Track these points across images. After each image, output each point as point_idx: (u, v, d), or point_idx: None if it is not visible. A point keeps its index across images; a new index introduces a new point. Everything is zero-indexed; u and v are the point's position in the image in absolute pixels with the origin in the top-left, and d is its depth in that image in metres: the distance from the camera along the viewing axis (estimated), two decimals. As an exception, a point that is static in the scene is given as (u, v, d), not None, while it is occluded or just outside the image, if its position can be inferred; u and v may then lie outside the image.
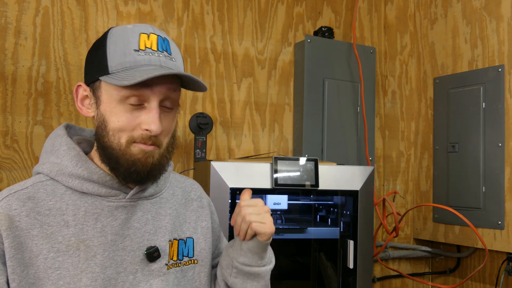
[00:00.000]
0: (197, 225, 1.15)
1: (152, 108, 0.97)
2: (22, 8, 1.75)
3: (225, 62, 2.07)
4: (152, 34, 1.00)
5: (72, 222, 0.97)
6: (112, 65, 0.97)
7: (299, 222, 1.88)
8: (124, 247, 1.00)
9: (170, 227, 1.08)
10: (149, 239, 1.03)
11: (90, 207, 0.99)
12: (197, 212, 1.17)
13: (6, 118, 1.72)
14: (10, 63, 1.73)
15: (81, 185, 0.99)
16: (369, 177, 1.80)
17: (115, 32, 1.01)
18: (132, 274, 1.00)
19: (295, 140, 2.15)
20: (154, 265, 1.03)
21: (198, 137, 1.86)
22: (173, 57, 1.02)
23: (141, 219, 1.04)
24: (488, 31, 2.04)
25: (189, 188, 1.20)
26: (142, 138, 0.97)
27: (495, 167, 1.97)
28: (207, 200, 1.22)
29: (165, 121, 1.00)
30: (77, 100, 1.04)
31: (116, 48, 0.98)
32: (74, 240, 0.96)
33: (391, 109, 2.41)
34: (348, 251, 1.78)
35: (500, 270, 2.02)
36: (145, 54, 0.98)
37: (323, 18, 2.28)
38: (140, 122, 0.97)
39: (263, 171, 1.67)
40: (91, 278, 0.95)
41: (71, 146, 1.02)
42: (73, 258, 0.95)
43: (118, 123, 0.97)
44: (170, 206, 1.11)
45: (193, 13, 2.02)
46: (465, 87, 2.12)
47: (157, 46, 1.00)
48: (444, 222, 2.18)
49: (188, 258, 1.10)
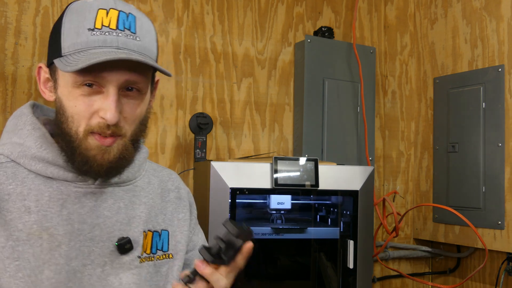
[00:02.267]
0: (173, 217, 1.07)
1: (109, 94, 0.87)
2: (22, 8, 1.75)
3: (225, 62, 2.07)
4: (113, 10, 0.88)
5: (34, 208, 0.88)
6: (64, 46, 0.88)
7: (299, 222, 1.88)
8: (93, 237, 0.91)
9: (145, 217, 1.00)
10: (121, 229, 0.95)
11: (55, 192, 0.90)
12: (174, 203, 1.09)
13: (6, 118, 1.72)
14: (10, 63, 1.73)
15: (45, 169, 0.91)
16: (369, 177, 1.80)
17: (72, 7, 0.91)
18: (100, 267, 0.91)
19: (295, 140, 2.15)
20: (125, 258, 0.94)
21: (198, 137, 1.86)
22: (137, 36, 0.90)
23: (112, 207, 0.95)
24: (488, 31, 2.04)
25: (166, 178, 1.12)
26: (100, 127, 0.88)
27: (495, 167, 1.97)
28: (185, 191, 1.14)
29: (128, 107, 0.91)
30: (40, 83, 0.96)
31: (70, 27, 0.88)
32: (36, 228, 0.87)
33: (391, 109, 2.41)
34: (348, 251, 1.78)
35: (500, 270, 2.02)
36: (100, 34, 0.86)
37: (323, 18, 2.28)
38: (97, 109, 0.88)
39: (263, 171, 1.67)
40: (54, 271, 0.87)
41: (36, 126, 0.94)
42: (35, 248, 0.86)
43: (75, 108, 0.88)
44: (146, 195, 1.03)
45: (193, 13, 2.02)
46: (465, 87, 2.12)
47: (116, 24, 0.88)
48: (444, 222, 2.18)
49: (162, 252, 1.02)
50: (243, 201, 1.83)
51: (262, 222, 1.81)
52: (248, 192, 1.65)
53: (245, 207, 1.85)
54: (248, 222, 1.80)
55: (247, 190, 1.64)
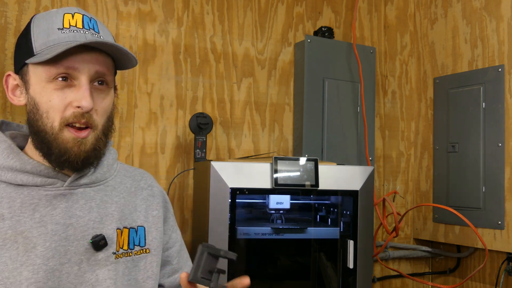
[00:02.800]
0: (147, 213, 1.11)
1: (81, 85, 0.94)
2: (22, 8, 1.75)
3: (225, 62, 2.07)
4: (77, 13, 0.98)
5: (7, 214, 0.93)
6: (36, 46, 0.95)
7: (299, 222, 1.88)
8: (67, 236, 0.96)
9: (117, 215, 1.04)
10: (94, 227, 0.99)
11: (26, 198, 0.95)
12: (147, 201, 1.13)
13: (6, 118, 1.72)
14: (10, 63, 1.72)
15: (14, 177, 0.96)
16: (369, 177, 1.80)
17: (38, 16, 0.99)
18: (77, 265, 0.96)
19: (295, 140, 2.15)
20: (100, 254, 0.98)
21: (198, 137, 1.86)
22: (101, 35, 0.99)
23: (84, 207, 1.00)
24: (488, 31, 2.04)
25: (139, 177, 1.17)
26: (75, 116, 0.94)
27: (495, 167, 1.97)
28: (158, 189, 1.19)
29: (98, 99, 0.97)
30: (7, 91, 1.01)
31: (40, 30, 0.96)
32: (11, 233, 0.91)
33: (391, 109, 2.41)
34: (348, 251, 1.78)
35: (500, 270, 2.02)
36: (70, 32, 0.95)
37: (323, 18, 2.28)
38: (71, 100, 0.94)
39: (263, 171, 1.67)
40: (32, 271, 0.91)
41: (1, 139, 0.99)
42: (11, 252, 0.91)
43: (50, 102, 0.94)
44: (117, 194, 1.07)
45: (193, 13, 2.02)
46: (465, 87, 2.12)
47: (82, 24, 0.97)
48: (444, 222, 2.18)
49: (140, 247, 1.07)
50: (243, 201, 1.83)
51: (262, 222, 1.81)
52: (248, 192, 1.65)
53: (245, 207, 1.85)
54: (248, 222, 1.80)
55: (247, 190, 1.64)
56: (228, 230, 1.59)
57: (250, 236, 1.73)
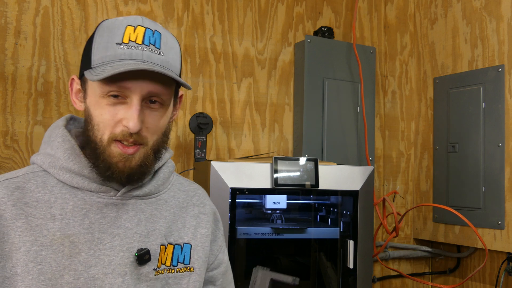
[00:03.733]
0: (196, 231, 1.09)
1: (132, 104, 0.93)
2: (22, 8, 1.75)
3: (225, 62, 2.07)
4: (140, 27, 0.95)
5: (59, 216, 0.94)
6: (94, 59, 0.95)
7: (299, 222, 1.88)
8: (113, 246, 0.96)
9: (164, 230, 1.03)
10: (140, 240, 0.99)
11: (79, 202, 0.96)
12: (197, 218, 1.11)
13: (6, 118, 1.72)
14: (10, 63, 1.73)
15: (71, 179, 0.97)
16: (369, 177, 1.80)
17: (104, 24, 0.98)
18: (121, 277, 0.95)
19: (295, 140, 2.15)
20: (142, 269, 0.98)
21: (198, 137, 1.86)
22: (161, 51, 0.97)
23: (133, 219, 0.99)
24: (488, 31, 2.04)
25: (193, 193, 1.15)
26: (123, 135, 0.94)
27: (495, 167, 1.97)
28: (210, 207, 1.16)
29: (150, 118, 0.96)
30: (72, 94, 1.02)
31: (101, 41, 0.95)
32: (59, 235, 0.93)
33: (391, 109, 2.41)
34: (348, 251, 1.78)
35: (500, 270, 2.02)
36: (127, 48, 0.93)
37: (323, 18, 2.28)
38: (121, 118, 0.94)
39: (263, 171, 1.67)
40: (73, 276, 0.92)
41: (66, 138, 1.00)
42: (57, 254, 0.92)
43: (101, 116, 0.94)
44: (168, 209, 1.06)
45: (193, 13, 2.02)
46: (465, 87, 2.12)
47: (142, 39, 0.95)
48: (444, 222, 2.18)
49: (184, 265, 1.05)
50: (243, 201, 1.83)
51: (262, 222, 1.81)
52: (248, 192, 1.65)
53: (245, 207, 1.85)
54: (248, 222, 1.80)
55: (247, 190, 1.64)
56: (228, 230, 1.59)
57: (250, 236, 1.73)
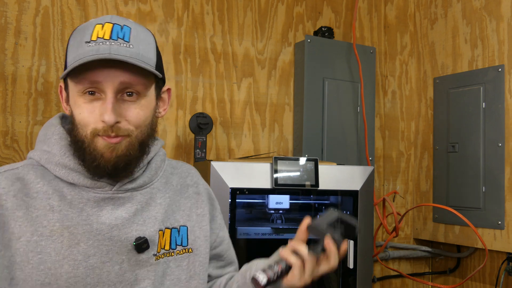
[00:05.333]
0: (191, 212, 1.13)
1: (106, 98, 0.96)
2: (22, 8, 1.75)
3: (225, 62, 2.07)
4: (108, 23, 0.98)
5: (57, 207, 0.97)
6: (68, 60, 0.97)
7: (299, 222, 1.88)
8: (111, 237, 0.99)
9: (160, 217, 1.06)
10: (137, 229, 1.02)
11: (76, 196, 0.99)
12: (192, 199, 1.14)
13: (6, 118, 1.72)
14: (10, 63, 1.73)
15: (67, 175, 0.99)
16: (369, 177, 1.80)
17: (78, 27, 1.01)
18: (118, 264, 0.99)
19: (295, 140, 2.15)
20: (142, 256, 1.01)
21: (198, 137, 1.86)
22: (130, 44, 0.97)
23: (130, 210, 1.02)
24: (488, 31, 2.04)
25: (185, 174, 1.18)
26: (104, 130, 0.96)
27: (495, 167, 1.97)
28: (204, 187, 1.19)
29: (129, 111, 0.98)
30: (62, 101, 1.05)
31: (73, 43, 0.98)
32: (59, 226, 0.96)
33: (391, 109, 2.41)
34: (348, 251, 1.78)
35: (500, 270, 2.02)
36: (95, 45, 0.95)
37: (323, 18, 2.28)
38: (100, 113, 0.96)
39: (263, 171, 1.67)
40: (72, 266, 0.95)
41: (62, 136, 1.02)
42: (56, 244, 0.95)
43: (80, 115, 0.97)
44: (162, 196, 1.09)
45: (193, 13, 2.02)
46: (465, 87, 2.12)
47: (110, 34, 0.96)
48: (444, 222, 2.18)
49: (182, 247, 1.08)
50: (243, 201, 1.83)
51: (262, 222, 1.81)
52: (248, 192, 1.65)
53: (245, 207, 1.85)
54: (248, 222, 1.80)
55: (247, 190, 1.64)
56: (228, 230, 1.59)
57: (250, 236, 1.73)
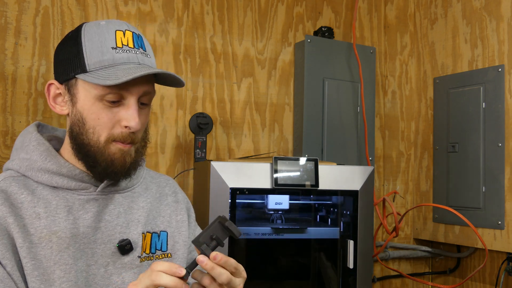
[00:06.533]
0: (171, 218, 1.15)
1: (130, 104, 0.98)
2: (22, 8, 1.74)
3: (225, 62, 2.07)
4: (127, 31, 1.01)
5: (43, 214, 0.97)
6: (90, 63, 0.97)
7: (299, 222, 1.88)
8: (95, 239, 1.00)
9: (143, 220, 1.08)
10: (121, 231, 1.03)
11: (61, 200, 0.99)
12: (171, 207, 1.17)
13: (6, 118, 1.72)
14: (10, 63, 1.73)
15: (50, 179, 1.00)
16: (369, 177, 1.80)
17: (89, 28, 1.00)
18: (104, 267, 1.00)
19: (295, 140, 2.15)
20: (126, 258, 1.02)
21: (198, 137, 1.86)
22: (147, 54, 1.03)
23: (113, 212, 1.04)
24: (488, 31, 2.04)
25: (164, 184, 1.21)
26: (122, 136, 0.98)
27: (495, 167, 1.97)
28: (182, 195, 1.23)
29: (141, 117, 1.01)
30: (49, 98, 1.04)
31: (92, 46, 0.98)
32: (46, 232, 0.96)
33: (391, 109, 2.41)
34: (348, 251, 1.78)
35: (500, 270, 2.02)
36: (123, 52, 0.98)
37: (323, 18, 2.28)
38: (120, 119, 0.98)
39: (263, 171, 1.67)
40: (64, 270, 0.95)
41: (40, 141, 1.03)
42: (46, 250, 0.95)
43: (99, 120, 0.97)
44: (143, 200, 1.11)
45: (193, 13, 2.02)
46: (465, 87, 2.12)
47: (133, 43, 1.00)
48: (444, 222, 2.18)
49: (161, 252, 1.10)
50: (243, 201, 1.83)
51: (262, 222, 1.81)
52: (248, 192, 1.65)
53: (245, 207, 1.85)
54: (248, 222, 1.80)
55: (247, 190, 1.64)
56: (228, 230, 1.59)
57: (250, 236, 1.73)
